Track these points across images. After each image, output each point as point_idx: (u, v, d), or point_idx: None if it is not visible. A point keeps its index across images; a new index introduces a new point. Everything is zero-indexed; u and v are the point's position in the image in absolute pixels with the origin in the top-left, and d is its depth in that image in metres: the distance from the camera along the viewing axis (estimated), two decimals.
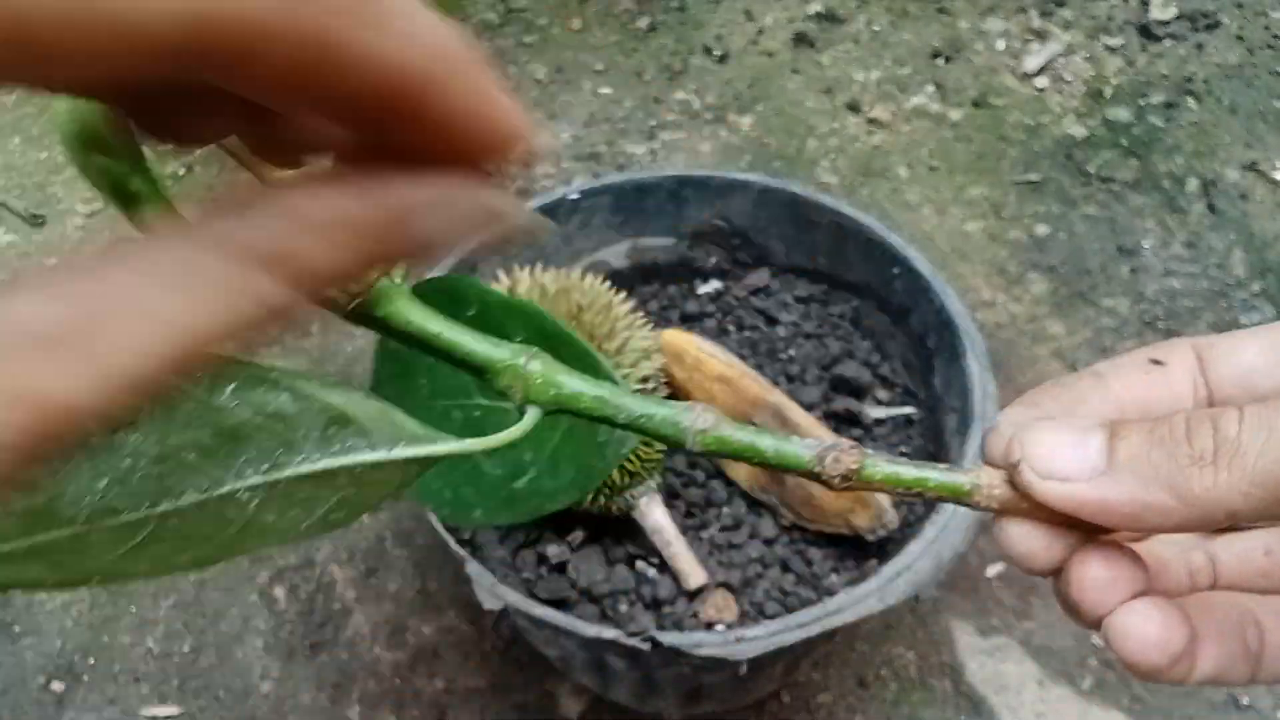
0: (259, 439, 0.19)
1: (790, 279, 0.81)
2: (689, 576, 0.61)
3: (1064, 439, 0.18)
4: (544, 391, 0.21)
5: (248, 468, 0.18)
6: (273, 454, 0.19)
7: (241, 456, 0.18)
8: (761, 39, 1.31)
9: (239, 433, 0.18)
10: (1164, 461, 0.17)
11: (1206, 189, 1.06)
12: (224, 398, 0.18)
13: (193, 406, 0.18)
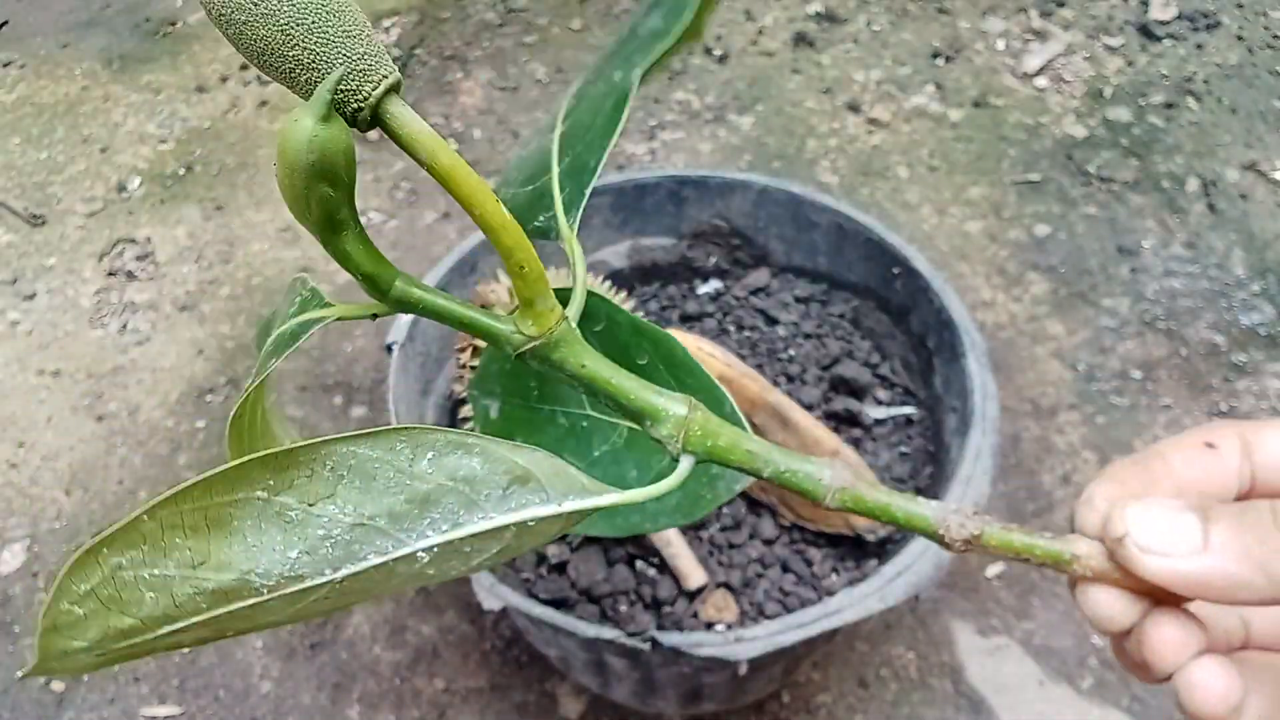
0: (446, 502, 0.19)
1: (790, 279, 0.81)
2: (689, 576, 0.61)
3: (1164, 518, 0.21)
4: (701, 443, 0.23)
5: (430, 529, 0.19)
6: (455, 515, 0.20)
7: (427, 519, 0.19)
8: (761, 39, 1.31)
9: (430, 498, 0.19)
10: (1255, 545, 0.20)
11: (1206, 189, 1.06)
12: (422, 465, 0.19)
13: (392, 474, 0.19)
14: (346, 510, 0.18)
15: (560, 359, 0.22)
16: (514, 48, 1.33)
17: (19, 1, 1.49)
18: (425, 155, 0.19)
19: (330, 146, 0.18)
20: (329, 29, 0.18)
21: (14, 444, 0.91)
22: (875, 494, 0.23)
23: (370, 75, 0.19)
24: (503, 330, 0.22)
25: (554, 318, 0.22)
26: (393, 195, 1.13)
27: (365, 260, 0.21)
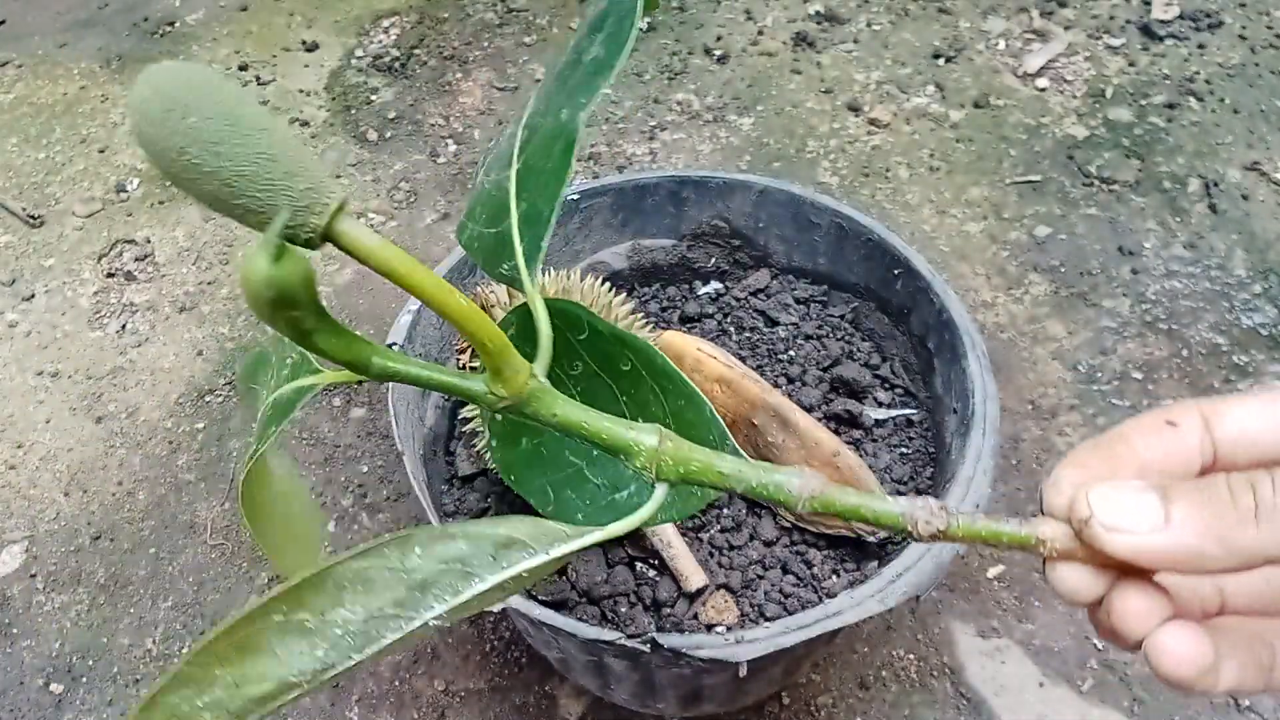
0: (442, 581, 0.22)
1: (790, 280, 0.81)
2: (689, 578, 0.60)
3: (1127, 498, 0.23)
4: (674, 470, 0.25)
5: (434, 602, 0.22)
6: (455, 587, 0.22)
7: (430, 596, 0.22)
8: (761, 39, 1.30)
9: (427, 582, 0.22)
10: (1214, 519, 0.21)
11: (1208, 189, 1.05)
12: (413, 560, 0.22)
13: (388, 574, 0.22)
14: (355, 610, 0.21)
15: (534, 412, 0.24)
16: (513, 48, 1.33)
17: (16, 1, 1.49)
18: (380, 266, 0.21)
19: (286, 281, 0.19)
20: (270, 175, 0.20)
21: (12, 445, 0.91)
22: (845, 497, 0.25)
23: (314, 208, 0.20)
24: (479, 392, 0.24)
25: (522, 379, 0.24)
26: (392, 196, 1.13)
27: (341, 350, 0.22)
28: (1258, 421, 0.24)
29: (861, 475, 0.62)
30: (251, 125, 0.19)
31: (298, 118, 1.23)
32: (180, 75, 0.19)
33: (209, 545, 0.82)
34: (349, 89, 1.28)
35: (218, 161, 0.19)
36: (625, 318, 0.63)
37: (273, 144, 0.20)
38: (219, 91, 0.19)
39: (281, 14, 1.43)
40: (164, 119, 0.19)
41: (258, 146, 0.19)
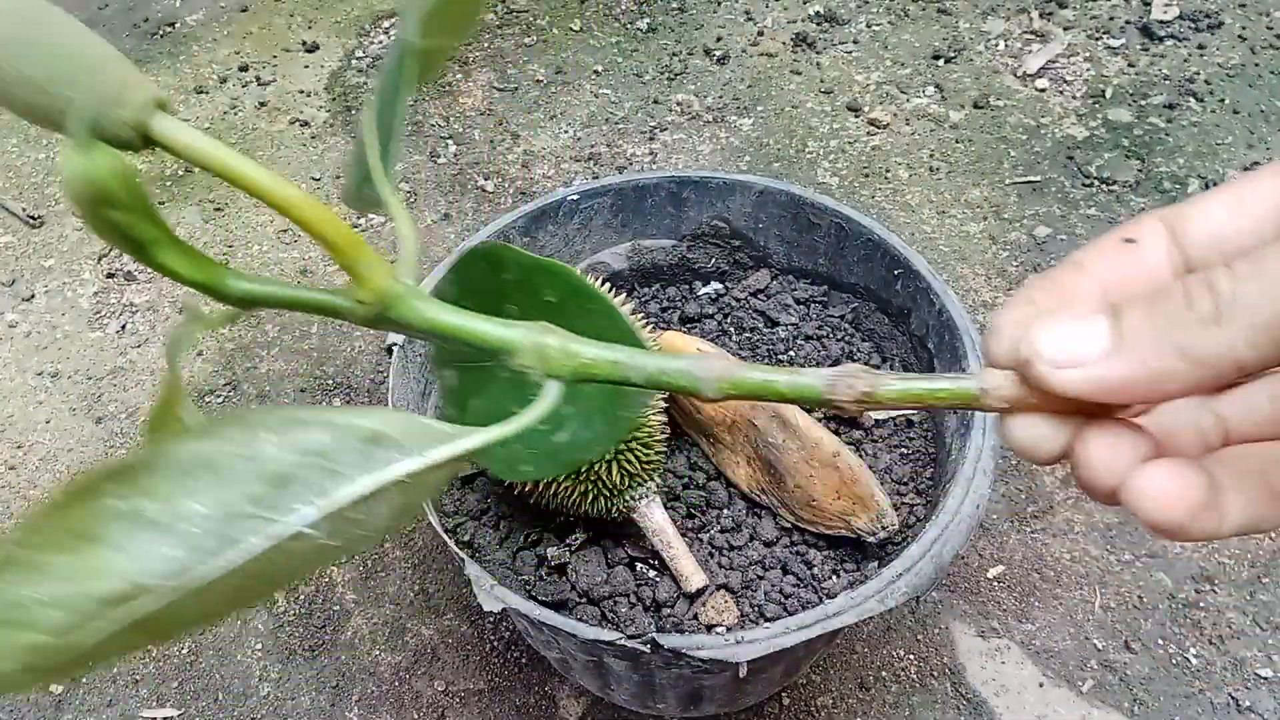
0: (305, 476, 0.20)
1: (790, 281, 0.81)
2: (689, 579, 0.61)
3: (1070, 328, 0.19)
4: (563, 365, 0.22)
5: (299, 503, 0.19)
6: (321, 485, 0.20)
7: (291, 494, 0.19)
8: (761, 40, 1.30)
9: (285, 476, 0.19)
10: (1170, 329, 0.18)
11: (1208, 190, 1.05)
12: (263, 447, 0.19)
13: (236, 464, 0.19)
14: (205, 503, 0.19)
15: (401, 316, 0.22)
16: (514, 49, 1.33)
17: None
18: (202, 161, 0.20)
19: (96, 173, 0.18)
20: (71, 72, 0.19)
21: (12, 445, 0.91)
22: (754, 374, 0.22)
23: (124, 100, 0.19)
24: (341, 304, 0.22)
25: (382, 279, 0.22)
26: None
27: (188, 269, 0.21)
28: (1230, 220, 0.20)
29: (862, 476, 0.62)
30: (49, 27, 0.19)
31: (298, 118, 1.23)
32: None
33: None
34: (349, 89, 1.28)
35: (18, 66, 0.19)
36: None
37: (72, 43, 0.19)
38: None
39: (282, 15, 1.43)
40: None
41: (57, 46, 0.19)
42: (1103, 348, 0.19)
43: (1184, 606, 0.75)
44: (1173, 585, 0.76)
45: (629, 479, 0.61)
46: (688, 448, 0.71)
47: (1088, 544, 0.78)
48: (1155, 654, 0.72)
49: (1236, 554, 0.77)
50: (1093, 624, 0.74)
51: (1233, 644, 0.72)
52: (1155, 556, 0.77)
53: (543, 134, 1.19)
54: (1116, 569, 0.77)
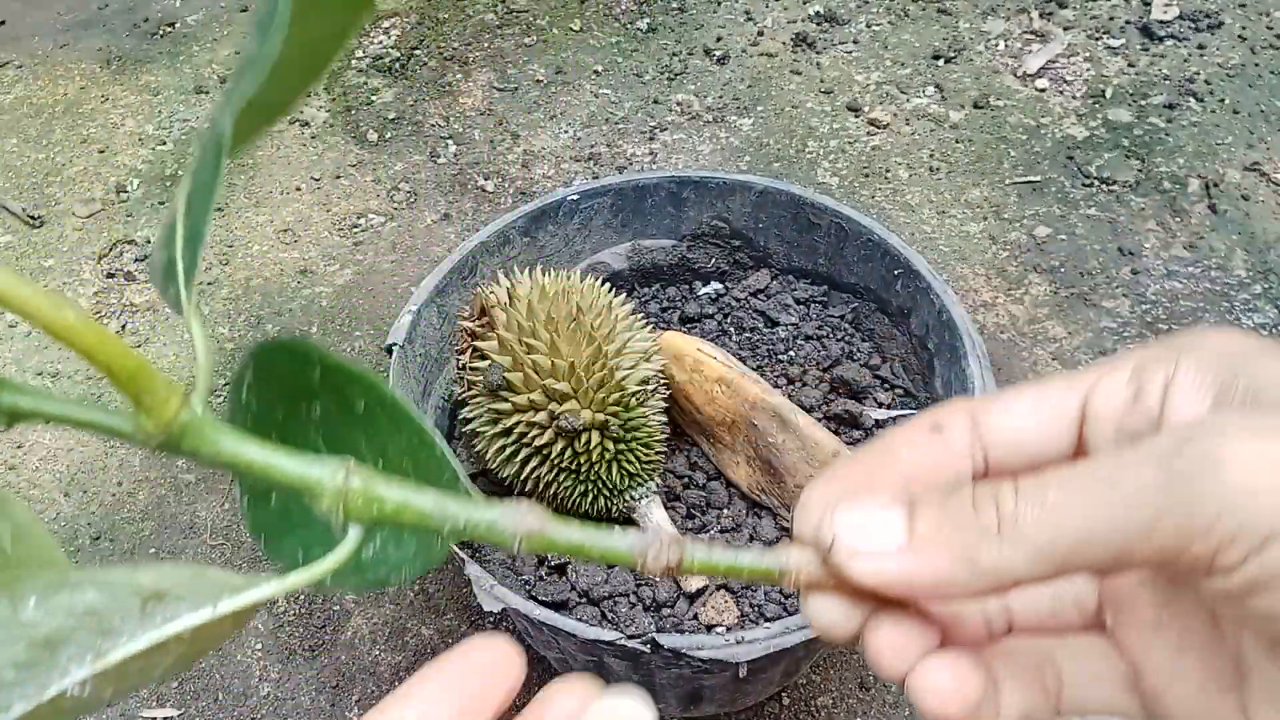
0: (76, 638, 0.18)
1: (790, 280, 0.81)
2: (689, 578, 0.60)
3: (867, 518, 0.20)
4: (366, 510, 0.21)
5: (71, 665, 0.18)
6: (95, 645, 0.18)
7: (62, 658, 0.18)
8: (761, 40, 1.30)
9: (53, 639, 0.18)
10: (956, 536, 0.19)
11: (1208, 190, 1.05)
12: (29, 613, 0.18)
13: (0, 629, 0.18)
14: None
15: (193, 449, 0.21)
16: (514, 49, 1.33)
17: (16, 1, 1.49)
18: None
19: None
20: None
21: (12, 445, 0.91)
22: (567, 534, 0.22)
23: None
24: (126, 429, 0.20)
25: (171, 409, 0.20)
26: (392, 197, 1.13)
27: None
28: (1026, 421, 0.21)
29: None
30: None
31: (298, 118, 1.23)
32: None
33: (209, 546, 0.82)
34: (349, 89, 1.28)
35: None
36: (625, 318, 0.63)
37: None
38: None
39: None
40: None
41: None
42: (897, 543, 0.19)
43: None
44: None
45: (629, 479, 0.61)
46: (688, 448, 0.71)
47: None
48: None
49: None
50: None
51: None
52: None
53: (543, 134, 1.19)
54: None
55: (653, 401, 0.62)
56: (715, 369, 0.67)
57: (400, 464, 0.24)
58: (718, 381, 0.67)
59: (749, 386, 0.65)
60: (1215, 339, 0.21)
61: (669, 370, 0.68)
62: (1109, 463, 0.18)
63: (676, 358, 0.68)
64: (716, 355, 0.68)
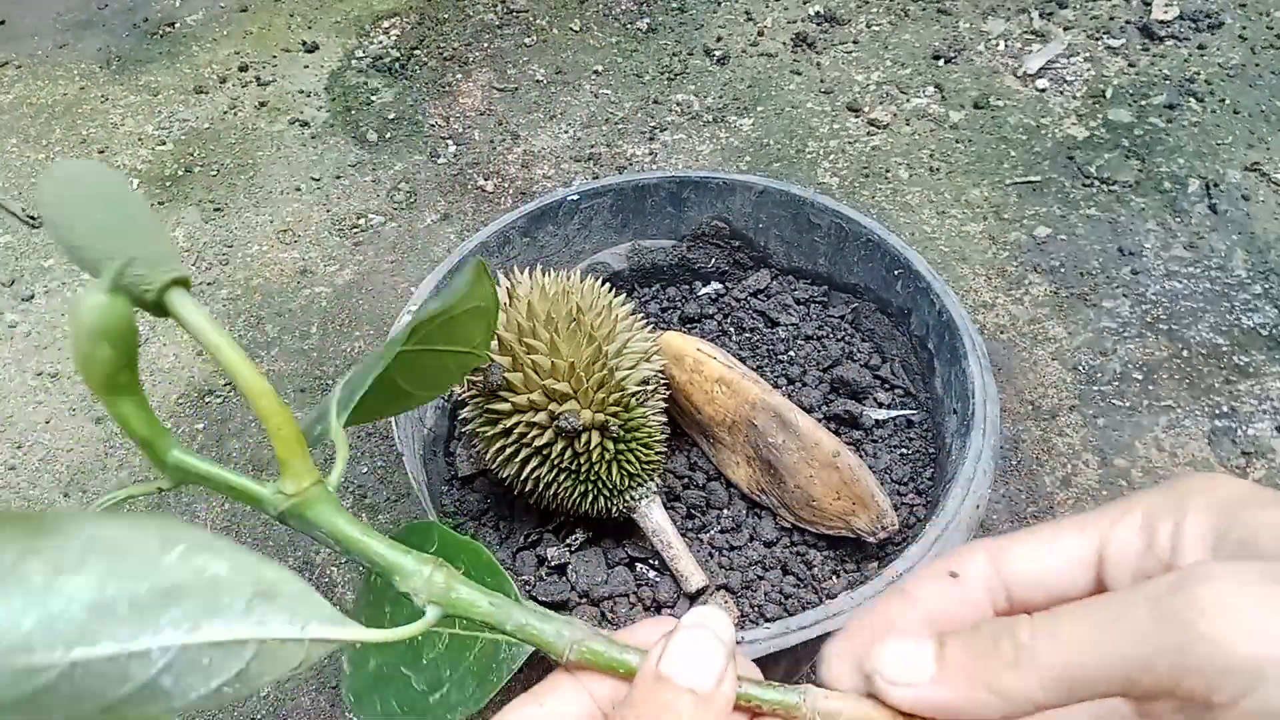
0: (188, 600, 0.20)
1: (790, 281, 0.81)
2: (689, 579, 0.60)
3: (904, 650, 0.23)
4: (444, 596, 0.24)
5: (169, 625, 0.19)
6: (196, 617, 0.20)
7: (167, 615, 0.19)
8: (762, 40, 1.30)
9: (173, 592, 0.19)
10: (980, 666, 0.22)
11: (1208, 190, 1.05)
12: (171, 558, 0.20)
13: (139, 561, 0.19)
14: (90, 586, 0.18)
15: (314, 518, 0.24)
16: (513, 49, 1.33)
17: (16, 1, 1.49)
18: (200, 338, 0.22)
19: (111, 312, 0.20)
20: (128, 235, 0.22)
21: (12, 446, 0.91)
22: (611, 649, 0.25)
23: (156, 271, 0.22)
24: (263, 494, 0.24)
25: (309, 479, 0.24)
26: (392, 197, 1.13)
27: (142, 426, 0.22)
28: (1043, 561, 0.24)
29: (862, 476, 0.61)
30: (121, 201, 0.23)
31: (298, 118, 1.23)
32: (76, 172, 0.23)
33: None
34: (349, 90, 1.28)
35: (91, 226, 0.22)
36: (625, 318, 0.63)
37: (136, 217, 0.23)
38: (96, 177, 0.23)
39: (281, 15, 1.43)
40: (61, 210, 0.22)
41: (124, 217, 0.23)
42: (930, 673, 0.22)
43: None
44: None
45: (629, 479, 0.61)
46: (688, 448, 0.71)
47: None
48: None
49: None
50: None
51: None
52: None
53: (543, 134, 1.19)
54: None
55: (653, 402, 0.62)
56: (715, 369, 0.67)
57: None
58: (718, 381, 0.67)
59: (749, 386, 0.65)
60: (1216, 486, 0.22)
61: (669, 370, 0.68)
62: (1115, 600, 0.21)
63: (676, 358, 0.68)
64: (716, 355, 0.68)
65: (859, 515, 0.61)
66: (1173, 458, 0.83)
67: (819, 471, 0.62)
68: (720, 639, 0.24)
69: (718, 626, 0.24)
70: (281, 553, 0.81)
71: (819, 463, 0.62)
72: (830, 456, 0.62)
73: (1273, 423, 0.85)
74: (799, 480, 0.63)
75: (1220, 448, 0.83)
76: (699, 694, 0.23)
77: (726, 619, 0.24)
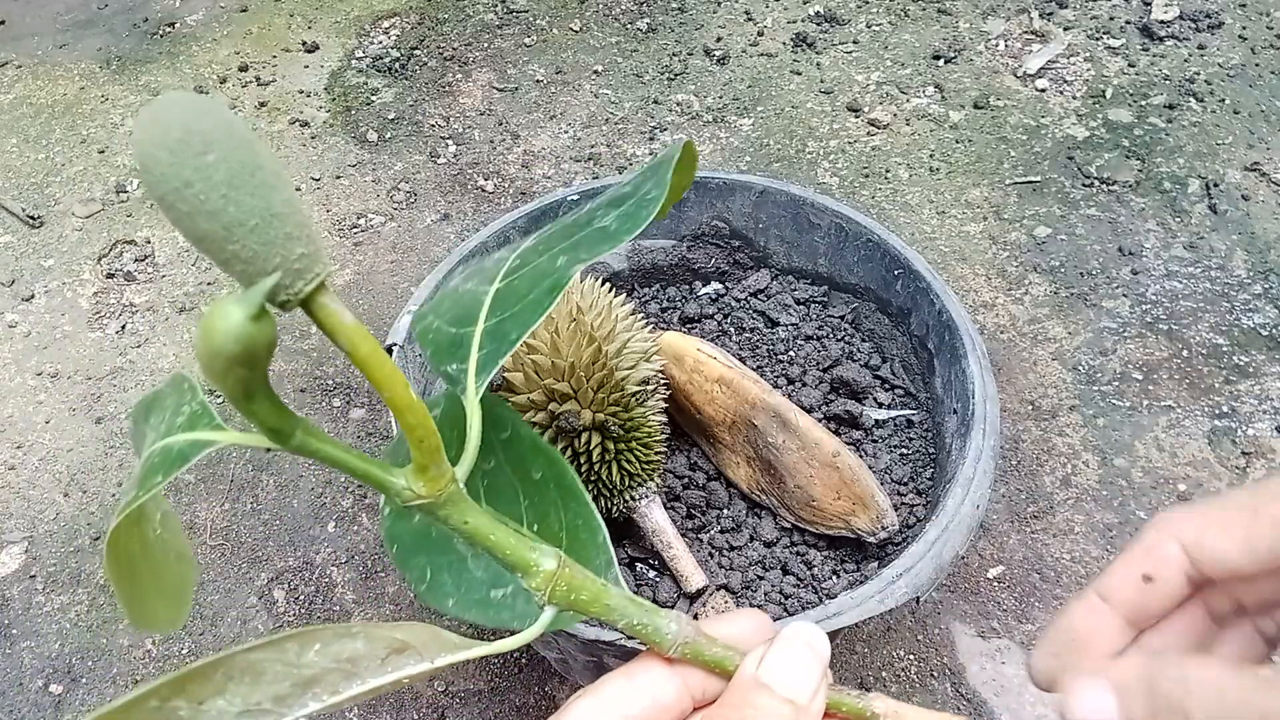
0: (327, 679, 0.21)
1: (790, 281, 0.81)
2: (689, 579, 0.60)
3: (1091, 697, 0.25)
4: (565, 596, 0.25)
5: (311, 701, 0.21)
6: (335, 686, 0.22)
7: (309, 694, 0.21)
8: (761, 40, 1.30)
9: (313, 679, 0.21)
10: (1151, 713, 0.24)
11: (1208, 190, 1.05)
12: (310, 656, 0.21)
13: (280, 668, 0.21)
14: (234, 702, 0.20)
15: (446, 516, 0.24)
16: (514, 49, 1.33)
17: (16, 1, 1.49)
18: (347, 345, 0.21)
19: (256, 341, 0.18)
20: (271, 231, 0.19)
21: (12, 446, 0.91)
22: (714, 649, 0.26)
23: (304, 274, 0.19)
24: (395, 484, 0.23)
25: (444, 481, 0.23)
26: (392, 197, 1.13)
27: (272, 418, 0.22)
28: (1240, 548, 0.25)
29: (862, 476, 0.61)
30: (268, 178, 0.19)
31: (298, 118, 1.23)
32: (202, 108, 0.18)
33: (209, 546, 0.82)
34: (349, 90, 1.28)
35: (224, 205, 0.18)
36: (625, 318, 0.63)
37: (284, 202, 0.19)
38: (241, 135, 0.19)
39: (281, 15, 1.43)
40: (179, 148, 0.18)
41: (269, 201, 0.19)
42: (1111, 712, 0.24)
43: None
44: None
45: (629, 479, 0.61)
46: (688, 448, 0.71)
47: (1088, 544, 0.78)
48: None
49: None
50: None
51: None
52: None
53: (543, 134, 1.19)
54: None
55: (652, 402, 0.62)
56: (715, 369, 0.67)
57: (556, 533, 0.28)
58: (718, 381, 0.67)
59: (749, 387, 0.65)
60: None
61: (669, 370, 0.68)
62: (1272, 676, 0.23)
63: (677, 358, 0.68)
64: (716, 355, 0.68)
65: (859, 515, 0.61)
66: (1173, 458, 0.83)
67: (819, 471, 0.62)
68: (819, 656, 0.25)
69: (817, 643, 0.26)
70: (283, 552, 0.81)
71: (819, 463, 0.62)
72: (830, 456, 0.62)
73: (1273, 423, 0.85)
74: (799, 480, 0.63)
75: (1220, 448, 0.83)
76: (797, 705, 0.24)
77: (824, 636, 0.26)
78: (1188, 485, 0.81)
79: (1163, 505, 0.80)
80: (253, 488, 0.86)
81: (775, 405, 0.64)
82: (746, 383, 0.66)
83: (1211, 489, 0.81)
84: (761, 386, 0.66)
